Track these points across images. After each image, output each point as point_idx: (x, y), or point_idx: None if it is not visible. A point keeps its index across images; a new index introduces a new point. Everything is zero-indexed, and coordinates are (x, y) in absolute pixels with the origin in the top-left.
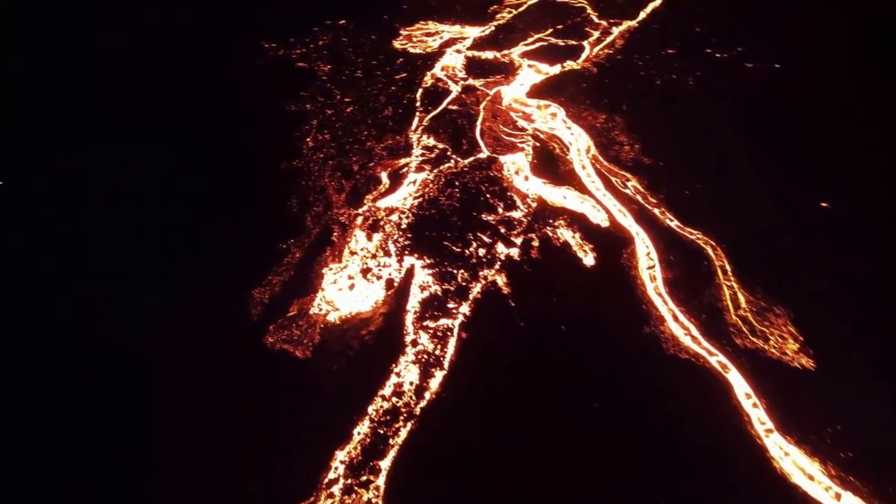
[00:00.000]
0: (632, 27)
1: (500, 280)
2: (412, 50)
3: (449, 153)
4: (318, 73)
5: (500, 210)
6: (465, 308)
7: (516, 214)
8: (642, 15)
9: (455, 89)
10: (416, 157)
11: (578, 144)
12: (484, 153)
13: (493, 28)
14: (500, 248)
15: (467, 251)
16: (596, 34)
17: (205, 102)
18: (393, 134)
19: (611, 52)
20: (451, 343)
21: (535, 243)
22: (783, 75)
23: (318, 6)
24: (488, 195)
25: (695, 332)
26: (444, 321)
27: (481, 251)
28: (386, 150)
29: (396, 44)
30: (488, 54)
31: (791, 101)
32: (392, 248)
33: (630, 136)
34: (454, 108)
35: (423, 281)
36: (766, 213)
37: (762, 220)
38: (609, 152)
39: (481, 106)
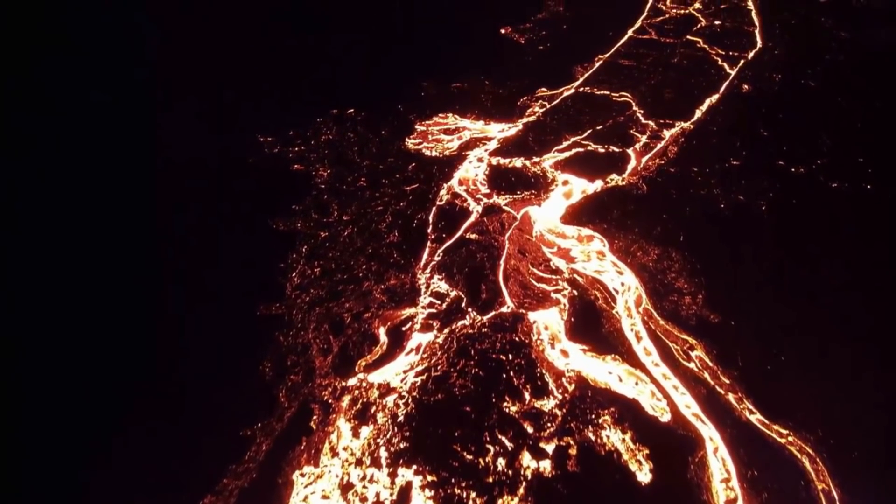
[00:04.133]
0: (686, 129)
1: None
2: (427, 152)
3: (464, 304)
4: (315, 180)
5: (528, 396)
6: None
7: (548, 404)
8: (698, 113)
9: (475, 209)
10: (423, 307)
11: (626, 293)
12: (508, 305)
13: (521, 126)
14: (526, 460)
15: (483, 461)
16: (643, 138)
17: (175, 209)
18: (397, 271)
19: (662, 162)
20: None
21: (573, 451)
22: (876, 200)
23: (325, 91)
24: (512, 372)
25: None
26: None
27: (500, 462)
28: (387, 293)
29: (409, 142)
30: (516, 161)
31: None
32: (383, 452)
33: (690, 282)
34: (473, 236)
35: None
36: (883, 402)
37: (878, 412)
38: (665, 304)
39: (506, 235)
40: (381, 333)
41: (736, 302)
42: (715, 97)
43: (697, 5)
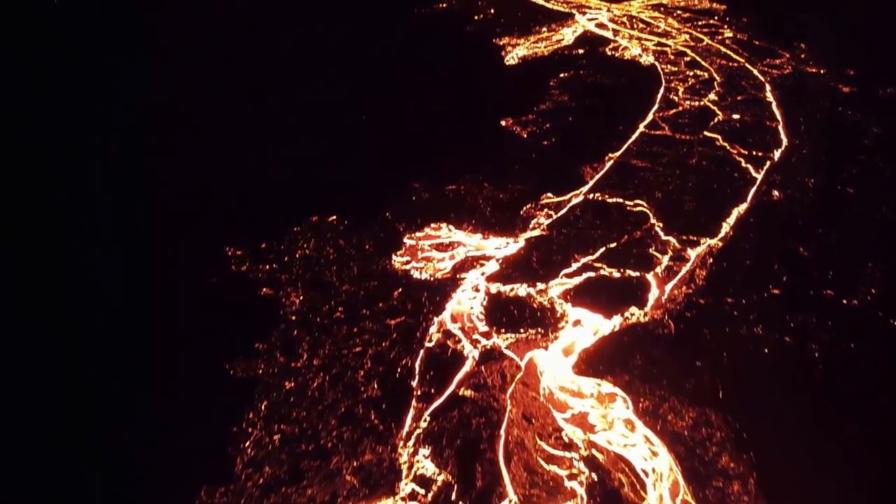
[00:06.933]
0: (714, 248)
1: None
2: (416, 274)
3: (454, 496)
4: (285, 309)
5: None
6: None
7: None
8: (725, 227)
9: (471, 353)
10: (404, 498)
11: (659, 477)
12: (510, 499)
13: (523, 243)
14: None
15: None
16: (665, 259)
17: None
18: (374, 441)
19: (690, 291)
20: None
21: None
22: None
23: (305, 196)
24: None
25: None
26: None
27: None
28: (360, 474)
29: (396, 260)
30: (519, 289)
31: None
32: None
33: (737, 458)
34: (468, 393)
35: None
36: None
37: None
38: (709, 494)
39: (508, 392)
40: None
41: (799, 490)
42: (743, 206)
43: (712, 97)
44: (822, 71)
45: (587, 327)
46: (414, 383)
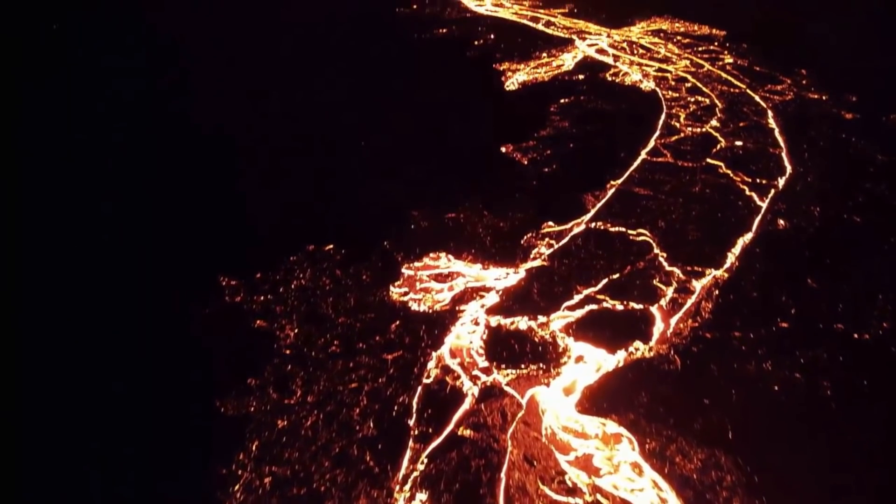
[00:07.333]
0: (720, 279)
1: None
2: (414, 306)
3: None
4: (279, 343)
5: None
6: None
7: None
8: (731, 258)
9: (470, 390)
10: None
11: None
12: None
13: (524, 272)
14: None
15: None
16: (670, 291)
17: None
18: (369, 484)
19: (696, 324)
20: None
21: None
22: None
23: (302, 224)
24: None
25: None
26: None
27: None
28: None
29: (394, 292)
30: (520, 322)
31: None
32: None
33: None
34: (467, 433)
35: None
36: None
37: None
38: None
39: (509, 432)
40: None
41: None
42: (748, 236)
43: (714, 123)
44: (823, 97)
45: (590, 363)
46: (411, 422)
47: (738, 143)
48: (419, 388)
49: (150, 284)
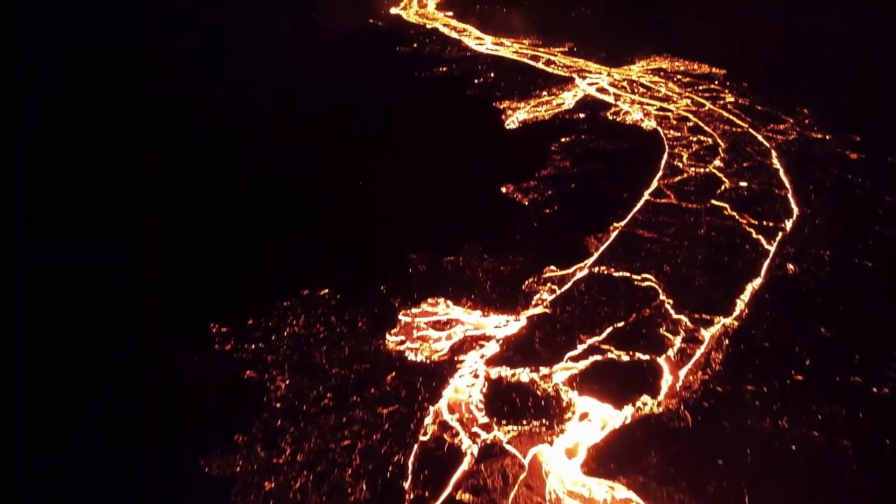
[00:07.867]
0: (730, 327)
1: None
2: (411, 356)
3: None
4: (269, 395)
5: None
6: None
7: None
8: (740, 305)
9: (469, 449)
10: None
11: None
12: None
13: (525, 320)
14: None
15: None
16: (678, 341)
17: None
18: None
19: (706, 377)
20: None
21: None
22: None
23: (297, 267)
24: None
25: None
26: None
27: None
28: None
29: (390, 340)
30: (521, 374)
31: None
32: None
33: None
34: (466, 497)
35: None
36: None
37: None
38: None
39: (510, 496)
40: None
41: None
42: (757, 282)
43: (718, 163)
44: (827, 137)
45: (595, 419)
46: (406, 485)
47: (743, 183)
48: (415, 447)
49: (135, 328)
